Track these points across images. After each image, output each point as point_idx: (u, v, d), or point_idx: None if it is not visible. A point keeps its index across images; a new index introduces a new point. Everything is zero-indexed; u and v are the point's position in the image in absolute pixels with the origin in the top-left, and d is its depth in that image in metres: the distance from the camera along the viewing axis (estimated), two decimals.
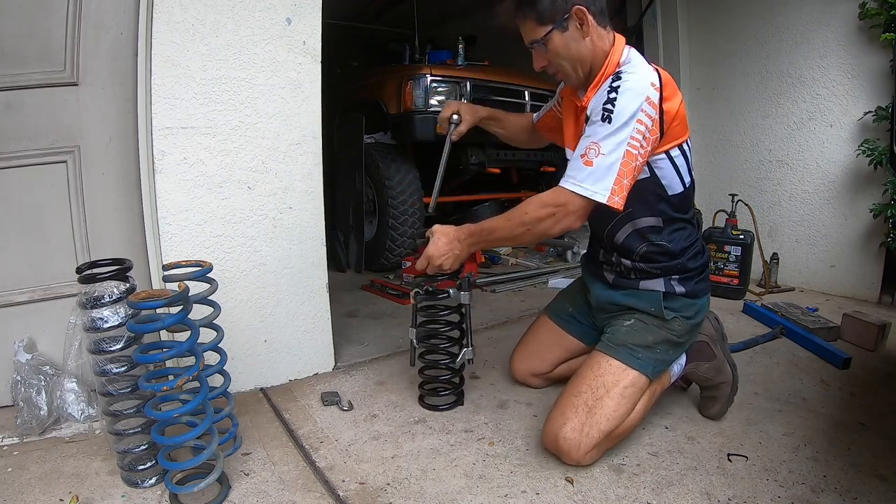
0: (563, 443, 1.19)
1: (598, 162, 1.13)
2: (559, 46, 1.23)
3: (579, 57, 1.24)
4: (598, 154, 1.13)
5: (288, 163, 1.57)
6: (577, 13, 1.19)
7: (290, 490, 1.14)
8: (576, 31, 1.21)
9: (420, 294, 1.47)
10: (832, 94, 2.50)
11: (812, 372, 1.73)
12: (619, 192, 1.14)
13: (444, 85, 2.91)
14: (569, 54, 1.24)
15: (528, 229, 1.21)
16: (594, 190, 1.13)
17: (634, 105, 1.13)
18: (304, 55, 1.55)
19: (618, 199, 1.14)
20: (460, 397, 1.53)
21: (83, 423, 1.38)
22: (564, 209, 1.17)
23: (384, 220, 2.94)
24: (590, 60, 1.25)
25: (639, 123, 1.13)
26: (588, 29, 1.21)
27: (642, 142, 1.15)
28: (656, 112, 1.16)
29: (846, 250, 2.53)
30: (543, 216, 1.19)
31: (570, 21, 1.20)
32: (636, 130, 1.13)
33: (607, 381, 1.24)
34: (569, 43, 1.22)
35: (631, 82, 1.15)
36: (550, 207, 1.18)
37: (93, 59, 1.41)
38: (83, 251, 1.48)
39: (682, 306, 1.32)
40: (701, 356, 1.41)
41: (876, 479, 1.17)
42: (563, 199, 1.17)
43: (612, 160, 1.13)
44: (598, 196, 1.13)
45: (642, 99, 1.14)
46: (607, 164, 1.13)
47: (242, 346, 1.57)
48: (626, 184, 1.15)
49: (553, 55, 1.25)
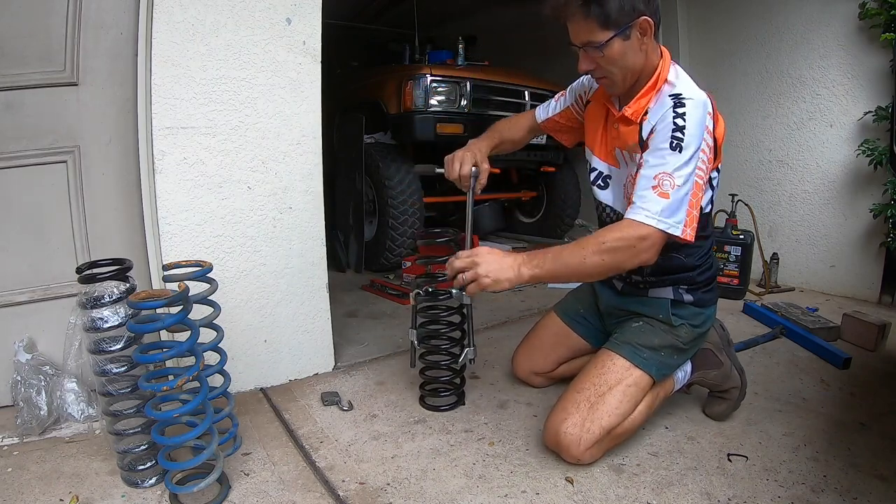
0: (563, 438, 1.19)
1: (673, 194, 1.10)
2: (617, 54, 1.16)
3: (632, 68, 1.19)
4: (674, 186, 1.10)
5: (288, 163, 1.57)
6: (643, 23, 1.14)
7: (290, 490, 1.14)
8: (636, 41, 1.16)
9: (420, 295, 1.46)
10: (832, 94, 2.50)
11: (812, 372, 1.73)
12: (690, 224, 1.13)
13: (444, 85, 2.91)
14: (624, 63, 1.18)
15: (603, 261, 1.13)
16: (670, 223, 1.10)
17: (700, 133, 1.12)
18: (304, 55, 1.55)
19: (689, 230, 1.13)
20: (461, 398, 1.53)
21: (83, 423, 1.38)
22: (645, 243, 1.11)
23: (384, 220, 2.94)
24: (640, 72, 1.21)
25: (702, 153, 1.13)
26: (648, 41, 1.18)
27: (705, 170, 1.15)
28: (712, 139, 1.16)
29: (846, 250, 2.53)
30: (622, 247, 1.12)
31: (633, 30, 1.15)
32: (701, 161, 1.12)
33: (610, 378, 1.24)
34: (627, 52, 1.16)
35: (695, 110, 1.13)
36: (631, 240, 1.12)
37: (93, 59, 1.41)
38: (83, 251, 1.48)
39: (689, 314, 1.33)
40: (707, 364, 1.42)
41: (876, 479, 1.17)
42: (644, 233, 1.11)
43: (685, 192, 1.11)
44: (674, 229, 1.11)
45: (703, 128, 1.13)
46: (681, 196, 1.11)
47: (242, 346, 1.57)
48: (696, 214, 1.14)
49: (607, 62, 1.18)
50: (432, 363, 1.53)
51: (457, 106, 2.95)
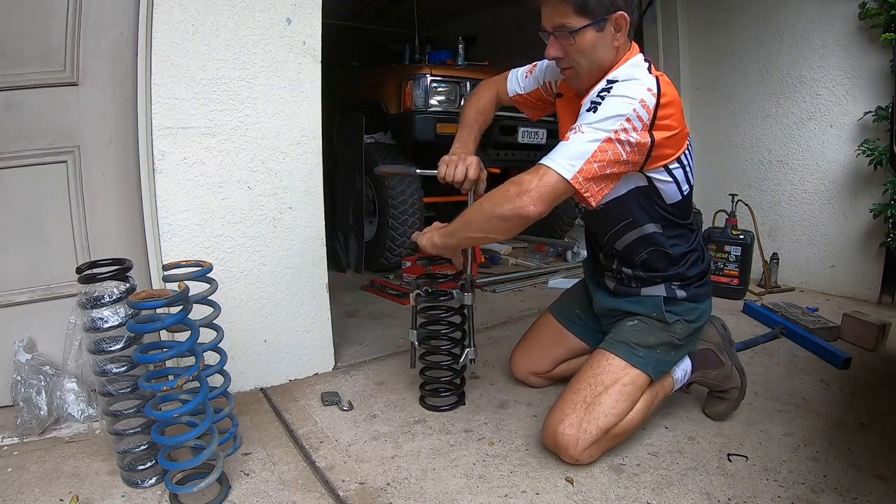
0: (560, 438, 1.19)
1: (574, 138, 1.08)
2: (588, 44, 1.15)
3: (600, 62, 1.18)
4: (577, 132, 1.09)
5: (288, 163, 1.57)
6: (619, 19, 1.14)
7: (290, 490, 1.14)
8: (609, 35, 1.15)
9: (421, 296, 1.46)
10: (832, 94, 2.50)
11: (812, 372, 1.73)
12: (586, 175, 1.08)
13: (444, 85, 2.91)
14: (593, 56, 1.17)
15: (480, 205, 1.16)
16: (560, 163, 1.07)
17: (624, 104, 1.09)
18: (304, 55, 1.55)
19: (582, 180, 1.07)
20: (461, 398, 1.53)
21: (83, 423, 1.38)
22: (519, 186, 1.08)
23: (384, 220, 2.94)
24: (606, 70, 1.19)
25: (627, 122, 1.08)
26: (621, 38, 1.17)
27: (630, 140, 1.09)
28: (649, 116, 1.10)
29: (846, 250, 2.53)
30: (497, 194, 1.11)
31: (608, 23, 1.14)
32: (622, 127, 1.08)
33: (606, 378, 1.24)
34: (598, 45, 1.15)
35: (625, 84, 1.11)
36: (509, 185, 1.10)
37: (93, 59, 1.41)
38: (83, 251, 1.48)
39: (684, 310, 1.32)
40: (708, 364, 1.42)
41: (876, 479, 1.17)
42: (521, 177, 1.09)
43: (587, 140, 1.07)
44: (563, 170, 1.06)
45: (636, 99, 1.09)
46: (582, 145, 1.07)
47: (242, 346, 1.57)
48: (597, 170, 1.08)
49: (576, 51, 1.16)
50: (433, 363, 1.53)
51: (457, 106, 2.94)
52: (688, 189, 1.28)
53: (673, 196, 1.26)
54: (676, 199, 1.26)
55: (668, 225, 1.29)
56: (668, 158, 1.19)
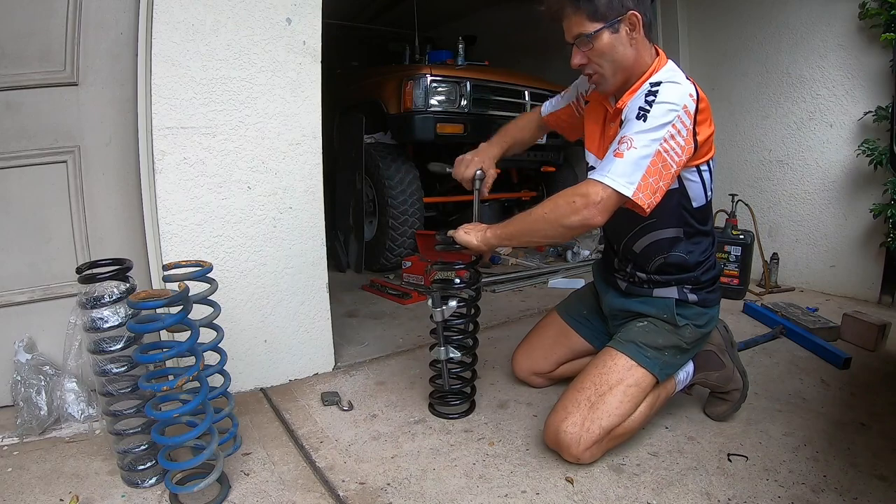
0: (563, 437, 1.19)
1: (628, 154, 1.11)
2: (606, 47, 1.20)
3: (622, 62, 1.22)
4: (630, 147, 1.11)
5: (288, 163, 1.57)
6: (631, 18, 1.18)
7: (290, 490, 1.14)
8: (625, 35, 1.19)
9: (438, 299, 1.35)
10: (832, 94, 2.50)
11: (812, 372, 1.73)
12: (644, 190, 1.11)
13: (444, 85, 2.91)
14: (613, 57, 1.21)
15: (545, 214, 1.19)
16: (620, 182, 1.10)
17: (672, 108, 1.12)
18: (304, 55, 1.55)
19: (642, 195, 1.11)
20: (472, 406, 1.49)
21: (83, 423, 1.38)
22: (586, 200, 1.12)
23: (384, 220, 2.94)
24: (630, 69, 1.23)
25: (674, 129, 1.12)
26: (637, 37, 1.20)
27: (677, 148, 1.13)
28: (691, 122, 1.15)
29: (846, 250, 2.53)
30: (563, 203, 1.16)
31: (622, 24, 1.18)
32: (671, 135, 1.12)
33: (611, 378, 1.24)
34: (616, 45, 1.20)
35: (670, 88, 1.15)
36: (574, 196, 1.14)
37: (93, 59, 1.41)
38: (83, 251, 1.48)
39: (694, 314, 1.33)
40: (709, 366, 1.42)
41: (876, 479, 1.17)
42: (586, 189, 1.13)
43: (642, 154, 1.11)
44: (624, 188, 1.10)
45: (680, 106, 1.13)
46: (637, 159, 1.10)
47: (242, 346, 1.57)
48: (653, 184, 1.12)
49: (597, 55, 1.21)
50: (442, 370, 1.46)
51: (457, 106, 2.95)
52: (711, 194, 1.31)
53: (699, 199, 1.28)
54: (701, 204, 1.29)
55: (689, 231, 1.30)
56: (702, 158, 1.24)
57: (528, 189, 3.83)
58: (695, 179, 1.25)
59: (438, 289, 1.37)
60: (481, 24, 4.63)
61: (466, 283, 1.41)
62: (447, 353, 1.39)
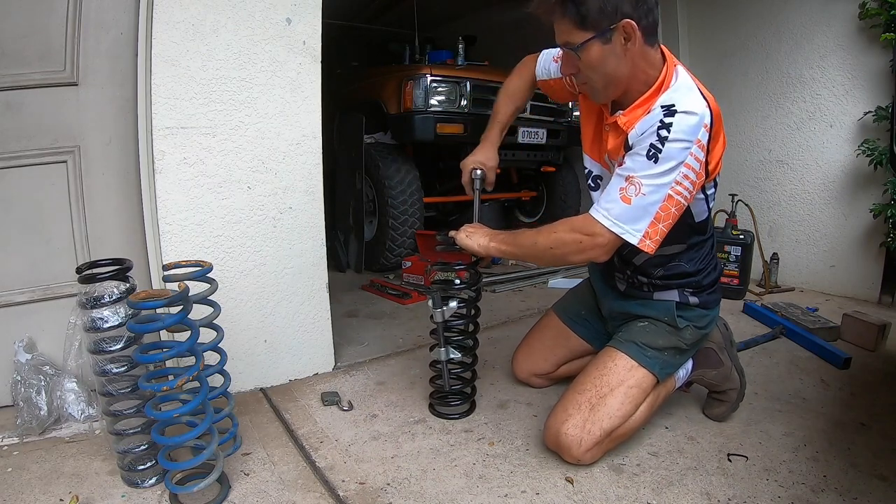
0: (563, 439, 1.19)
1: (636, 201, 1.07)
2: (595, 59, 1.09)
3: (614, 76, 1.11)
4: (638, 193, 1.06)
5: (288, 163, 1.57)
6: (626, 27, 1.05)
7: (290, 490, 1.14)
8: (619, 46, 1.07)
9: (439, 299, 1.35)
10: (832, 94, 2.50)
11: (812, 372, 1.73)
12: (652, 237, 1.10)
13: (444, 85, 2.91)
14: (604, 70, 1.10)
15: (551, 248, 1.17)
16: (626, 228, 1.09)
17: (685, 146, 1.06)
18: (304, 55, 1.55)
19: (650, 242, 1.10)
20: (472, 406, 1.49)
21: (83, 423, 1.38)
22: (592, 240, 1.12)
23: (384, 220, 2.94)
24: (625, 83, 1.13)
25: (686, 168, 1.06)
26: (633, 47, 1.08)
27: (688, 186, 1.09)
28: (704, 154, 1.09)
29: (846, 250, 2.53)
30: (569, 241, 1.15)
31: (615, 34, 1.06)
32: (682, 175, 1.07)
33: (612, 379, 1.24)
34: (607, 58, 1.08)
35: (685, 122, 1.06)
36: (579, 234, 1.13)
37: (93, 58, 1.41)
38: (83, 251, 1.47)
39: (694, 316, 1.32)
40: (708, 363, 1.42)
41: (876, 479, 1.17)
42: (595, 230, 1.11)
43: (650, 201, 1.07)
44: (630, 236, 1.09)
45: (693, 141, 1.06)
46: (645, 205, 1.07)
47: (242, 346, 1.57)
48: (662, 229, 1.10)
49: (585, 66, 1.11)
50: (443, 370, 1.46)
51: (457, 106, 2.95)
52: (713, 204, 1.29)
53: (701, 214, 1.27)
54: (703, 217, 1.28)
55: (690, 245, 1.29)
56: (710, 178, 1.19)
57: (528, 189, 3.83)
58: (699, 197, 1.23)
59: (438, 289, 1.36)
60: (481, 24, 4.63)
61: (467, 283, 1.41)
62: (447, 354, 1.39)
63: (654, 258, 1.25)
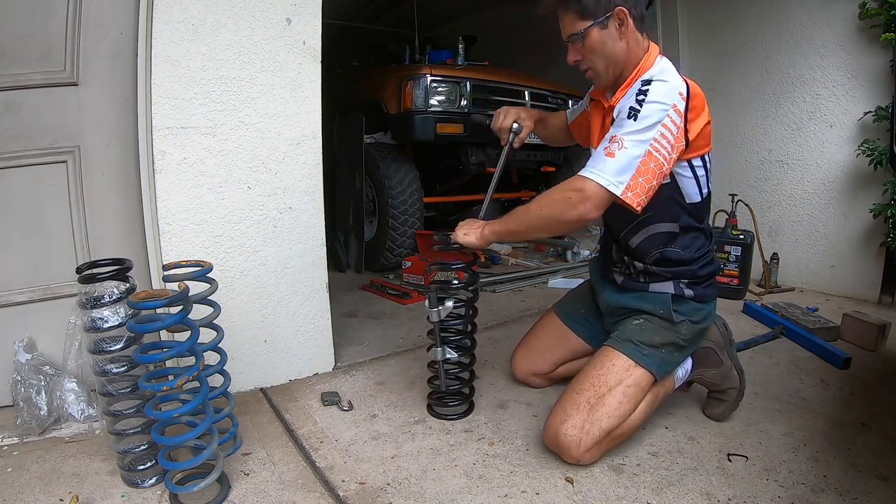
0: (563, 439, 1.19)
1: (619, 154, 1.14)
2: (596, 43, 1.24)
3: (614, 57, 1.26)
4: (621, 147, 1.14)
5: (288, 163, 1.57)
6: (619, 13, 1.21)
7: (290, 490, 1.14)
8: (615, 30, 1.23)
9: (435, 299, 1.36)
10: (832, 94, 2.50)
11: (812, 372, 1.73)
12: (634, 189, 1.14)
13: (444, 85, 2.91)
14: (604, 52, 1.25)
15: (542, 210, 1.21)
16: (610, 180, 1.13)
17: (662, 108, 1.15)
18: (304, 55, 1.55)
19: (631, 195, 1.14)
20: (471, 407, 1.49)
21: (83, 423, 1.38)
22: (581, 195, 1.15)
23: (384, 220, 2.94)
24: (622, 62, 1.26)
25: (664, 128, 1.14)
26: (626, 31, 1.23)
27: (668, 147, 1.15)
28: (681, 120, 1.17)
29: (846, 250, 2.53)
30: (559, 199, 1.19)
31: (610, 20, 1.22)
32: (661, 134, 1.14)
33: (610, 379, 1.24)
34: (606, 41, 1.24)
35: (660, 87, 1.17)
36: (568, 192, 1.18)
37: (93, 59, 1.41)
38: (83, 251, 1.48)
39: (690, 310, 1.33)
40: (707, 363, 1.42)
41: (876, 479, 1.17)
42: (581, 185, 1.16)
43: (633, 155, 1.13)
44: (613, 187, 1.13)
45: (669, 104, 1.15)
46: (628, 159, 1.13)
47: (242, 346, 1.57)
48: (644, 184, 1.14)
49: (589, 51, 1.26)
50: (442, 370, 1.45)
51: (457, 106, 2.95)
52: (706, 192, 1.33)
53: (693, 196, 1.30)
54: (696, 200, 1.31)
55: (684, 226, 1.31)
56: (696, 152, 1.25)
57: (528, 189, 3.83)
58: (687, 175, 1.27)
59: (434, 289, 1.37)
60: (481, 24, 4.64)
61: (463, 283, 1.41)
62: (444, 354, 1.39)
63: (650, 238, 1.31)
